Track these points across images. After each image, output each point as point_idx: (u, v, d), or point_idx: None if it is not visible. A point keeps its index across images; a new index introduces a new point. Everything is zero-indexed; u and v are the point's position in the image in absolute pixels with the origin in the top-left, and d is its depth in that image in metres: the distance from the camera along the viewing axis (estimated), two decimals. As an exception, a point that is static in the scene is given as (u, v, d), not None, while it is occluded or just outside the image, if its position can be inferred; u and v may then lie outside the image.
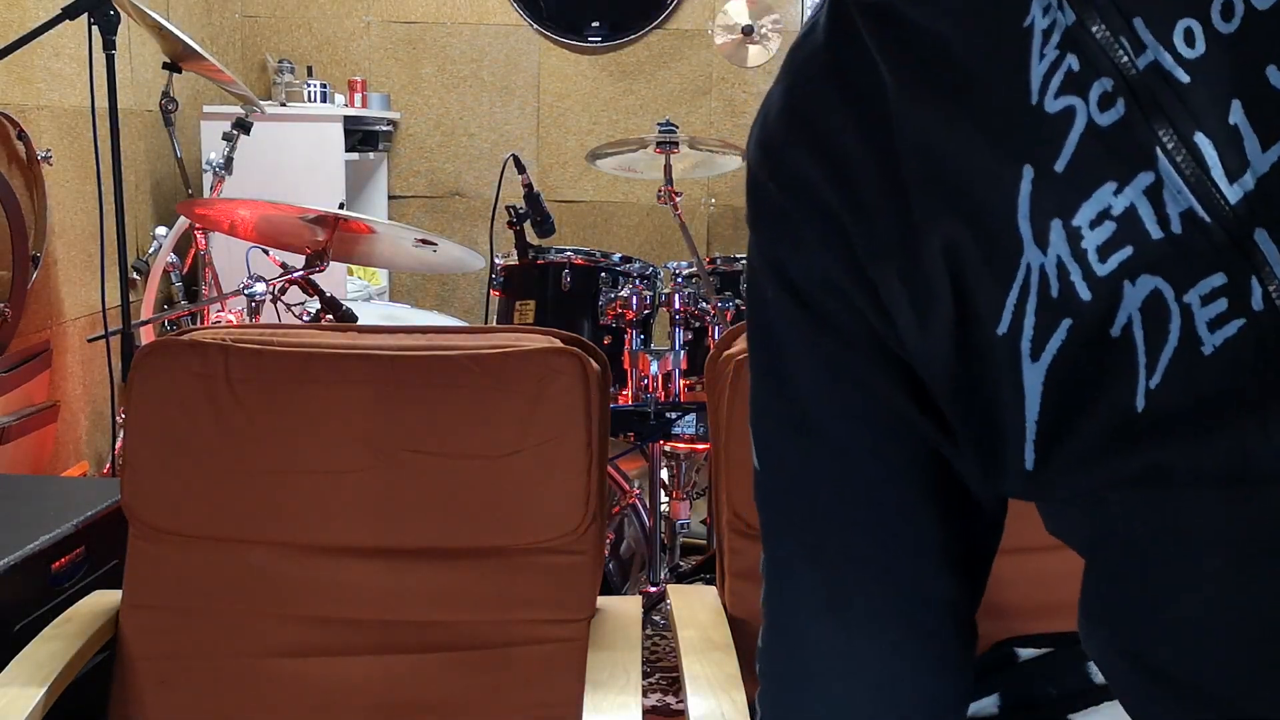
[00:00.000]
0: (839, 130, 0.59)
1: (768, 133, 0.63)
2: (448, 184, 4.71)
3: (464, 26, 4.61)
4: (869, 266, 0.59)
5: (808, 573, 0.67)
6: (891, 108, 0.57)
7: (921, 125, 0.56)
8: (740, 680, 1.42)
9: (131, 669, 1.60)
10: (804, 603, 0.67)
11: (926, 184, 0.56)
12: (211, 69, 2.95)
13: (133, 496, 1.61)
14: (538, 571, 1.60)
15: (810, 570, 0.67)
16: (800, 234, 0.62)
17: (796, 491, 0.66)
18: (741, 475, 1.62)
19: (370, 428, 1.59)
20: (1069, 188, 0.51)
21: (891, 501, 0.64)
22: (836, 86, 0.60)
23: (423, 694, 1.59)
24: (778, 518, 0.68)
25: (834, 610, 0.66)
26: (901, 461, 0.63)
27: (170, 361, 1.61)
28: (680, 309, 2.75)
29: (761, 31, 4.52)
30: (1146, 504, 0.54)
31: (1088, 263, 0.51)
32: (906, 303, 0.58)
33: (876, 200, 0.58)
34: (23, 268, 3.05)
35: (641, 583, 2.67)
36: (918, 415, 0.61)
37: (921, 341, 0.58)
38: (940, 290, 0.56)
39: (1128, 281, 0.51)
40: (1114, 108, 0.51)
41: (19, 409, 3.10)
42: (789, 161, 0.62)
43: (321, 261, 2.39)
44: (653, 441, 2.66)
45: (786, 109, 0.62)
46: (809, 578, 0.67)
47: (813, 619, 0.67)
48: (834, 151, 0.59)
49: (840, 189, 0.59)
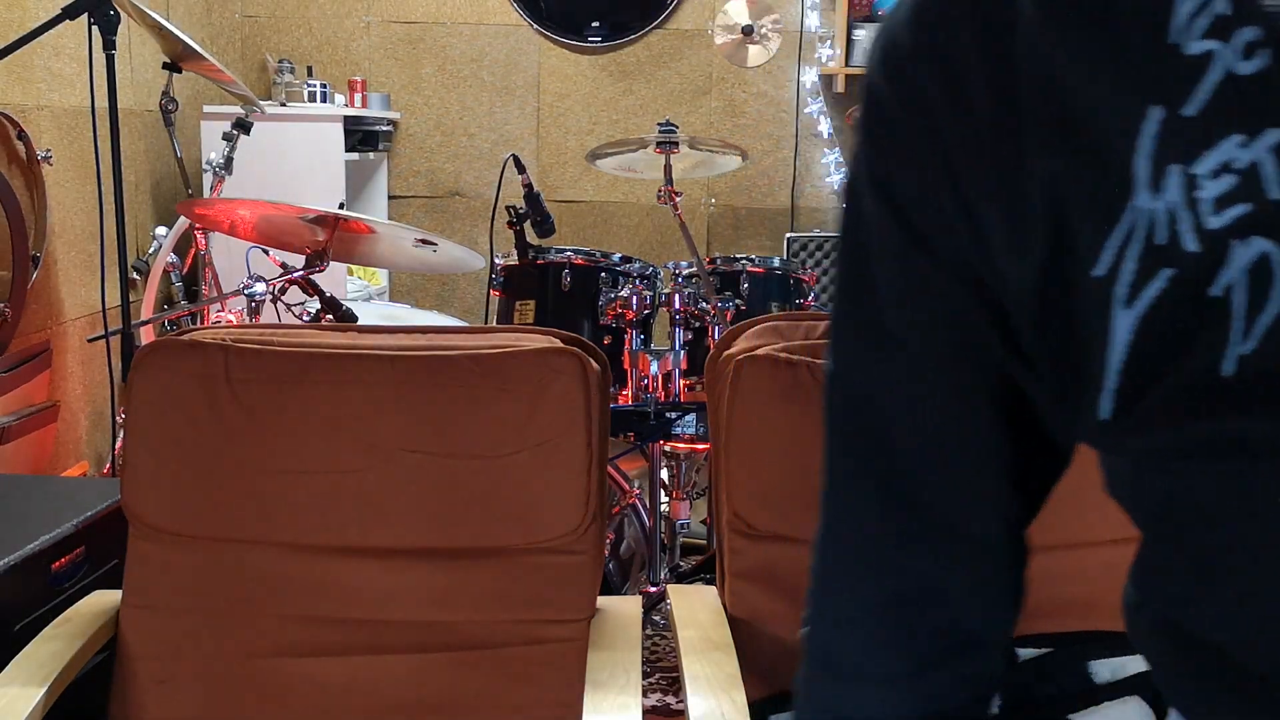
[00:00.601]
0: (964, 51, 0.58)
1: (892, 42, 0.62)
2: (448, 184, 4.71)
3: (464, 26, 4.61)
4: (972, 191, 0.59)
5: (868, 478, 0.67)
6: (1020, 34, 0.56)
7: (1049, 55, 0.55)
8: (740, 680, 1.42)
9: (131, 669, 1.60)
10: (861, 504, 0.67)
11: (1044, 115, 0.55)
12: (211, 69, 2.95)
13: (133, 496, 1.61)
14: (538, 571, 1.60)
15: (870, 477, 0.67)
16: (910, 148, 0.61)
17: (865, 399, 0.66)
18: (741, 475, 1.62)
19: (370, 428, 1.59)
20: (1196, 134, 0.50)
21: (961, 415, 0.64)
22: (968, 7, 0.59)
23: (422, 694, 1.59)
24: (845, 424, 0.68)
25: (888, 513, 0.66)
26: (976, 381, 0.63)
27: (170, 361, 1.61)
28: (680, 309, 2.75)
29: (761, 31, 4.52)
30: (1222, 472, 0.53)
31: (1200, 214, 0.50)
32: (1004, 233, 0.57)
33: (990, 126, 0.57)
34: (23, 268, 3.05)
35: (641, 583, 2.67)
36: (999, 344, 0.61)
37: (1014, 273, 0.57)
38: (1040, 224, 0.55)
39: (1238, 240, 0.49)
40: (1257, 58, 0.49)
41: (19, 409, 3.11)
42: (910, 74, 0.61)
43: (321, 261, 2.39)
44: (653, 441, 2.66)
45: (914, 22, 0.61)
46: (869, 482, 0.67)
47: (867, 518, 0.67)
48: (955, 71, 0.59)
49: (956, 110, 0.59)
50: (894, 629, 0.67)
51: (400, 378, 1.60)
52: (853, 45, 4.39)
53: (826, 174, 4.61)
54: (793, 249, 4.52)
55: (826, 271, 4.49)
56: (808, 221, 4.63)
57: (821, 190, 4.63)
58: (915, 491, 0.65)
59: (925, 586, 0.67)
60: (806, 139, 4.60)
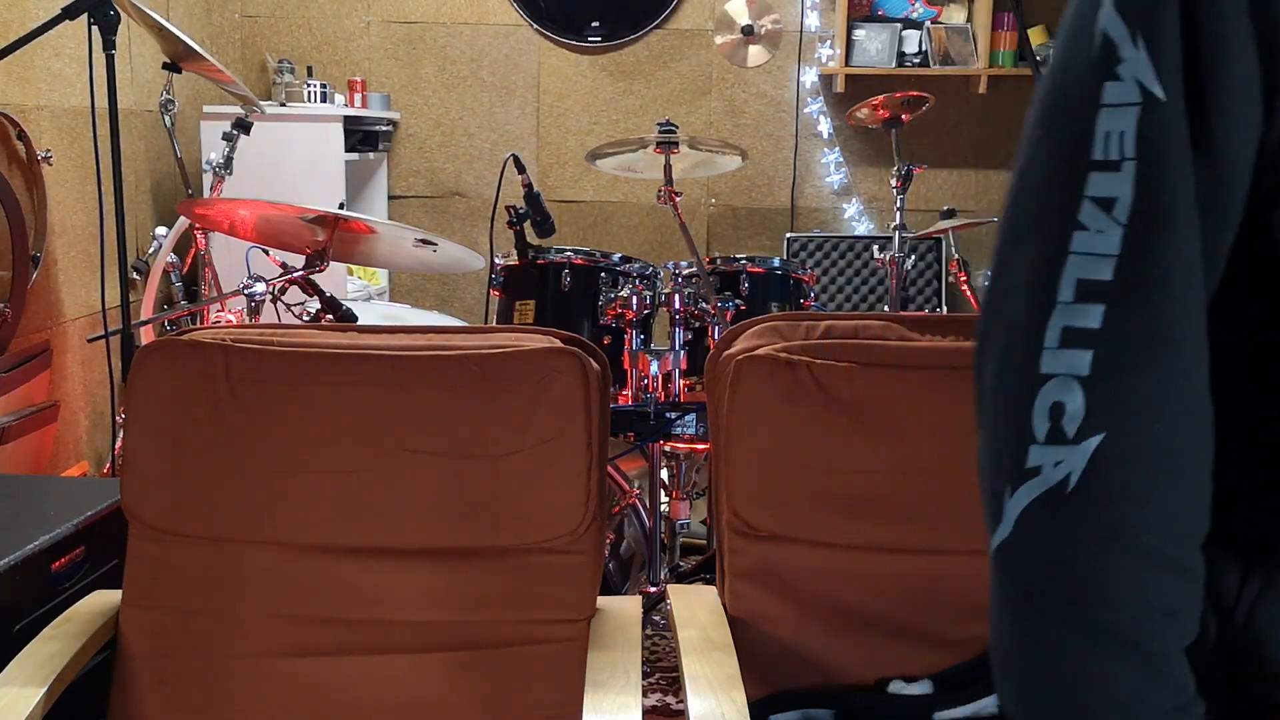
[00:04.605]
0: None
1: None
2: (448, 184, 4.71)
3: (464, 26, 4.61)
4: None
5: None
6: None
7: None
8: (740, 680, 1.42)
9: (131, 669, 1.60)
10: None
11: None
12: (211, 69, 2.95)
13: (133, 496, 1.61)
14: (538, 571, 1.60)
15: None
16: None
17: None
18: (741, 475, 1.62)
19: (370, 428, 1.59)
20: None
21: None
22: None
23: (423, 694, 1.59)
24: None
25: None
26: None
27: (170, 361, 1.61)
28: (680, 309, 2.75)
29: (761, 31, 4.51)
30: None
31: None
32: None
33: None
34: (23, 268, 3.05)
35: (641, 583, 2.67)
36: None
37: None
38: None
39: None
40: None
41: (19, 409, 3.10)
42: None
43: (321, 261, 2.39)
44: (653, 441, 2.66)
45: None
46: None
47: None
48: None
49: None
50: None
51: (400, 378, 1.60)
52: (853, 45, 4.39)
53: (826, 174, 4.61)
54: (793, 249, 4.52)
55: (826, 271, 4.50)
56: (808, 221, 4.63)
57: (821, 190, 4.63)
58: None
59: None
60: (806, 139, 4.59)
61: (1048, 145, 0.69)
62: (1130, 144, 0.66)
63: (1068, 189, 0.67)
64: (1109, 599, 0.65)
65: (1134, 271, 0.66)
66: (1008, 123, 4.53)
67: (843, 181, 4.62)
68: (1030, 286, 0.68)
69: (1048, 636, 0.67)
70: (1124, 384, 0.66)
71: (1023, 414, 0.67)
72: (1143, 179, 0.66)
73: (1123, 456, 0.65)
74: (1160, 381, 0.66)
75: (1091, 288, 0.66)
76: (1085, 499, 0.66)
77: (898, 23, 4.39)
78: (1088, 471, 0.65)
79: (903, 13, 4.42)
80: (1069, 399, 0.66)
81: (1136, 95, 0.65)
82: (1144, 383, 0.66)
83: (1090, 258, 0.66)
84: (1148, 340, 0.66)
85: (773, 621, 1.61)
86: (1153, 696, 0.66)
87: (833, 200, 4.63)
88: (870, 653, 1.61)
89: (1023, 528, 0.67)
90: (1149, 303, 0.66)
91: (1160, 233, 0.66)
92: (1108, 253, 0.66)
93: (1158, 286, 0.66)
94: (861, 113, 3.59)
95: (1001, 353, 0.70)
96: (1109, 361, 0.66)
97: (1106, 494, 0.65)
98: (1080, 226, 0.66)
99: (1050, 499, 0.66)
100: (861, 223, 4.62)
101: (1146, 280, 0.66)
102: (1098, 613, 0.66)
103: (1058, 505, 0.66)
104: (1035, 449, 0.67)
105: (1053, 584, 0.67)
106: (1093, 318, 0.66)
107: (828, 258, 4.50)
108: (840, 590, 1.61)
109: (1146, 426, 0.66)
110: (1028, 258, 0.69)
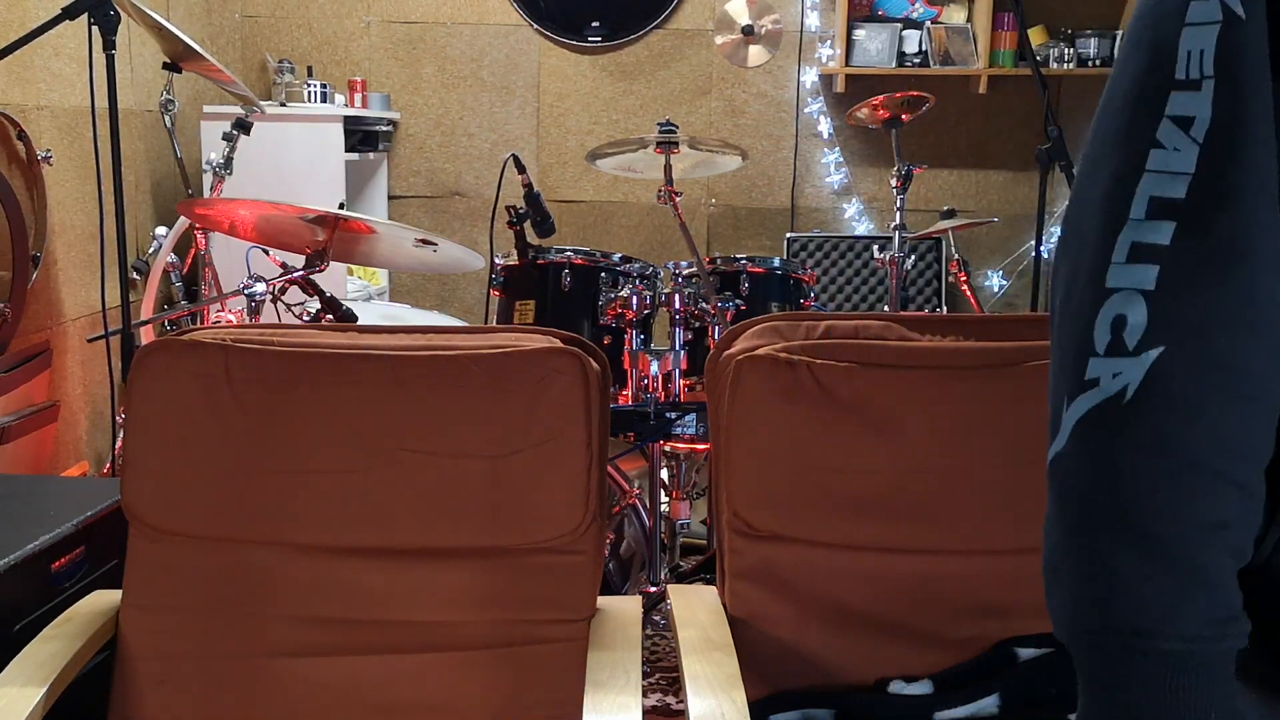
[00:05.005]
0: None
1: None
2: (448, 184, 4.71)
3: (464, 26, 4.61)
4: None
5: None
6: None
7: None
8: (740, 680, 1.42)
9: (131, 669, 1.60)
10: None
11: None
12: (211, 69, 2.95)
13: (133, 496, 1.61)
14: (538, 571, 1.60)
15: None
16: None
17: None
18: (741, 475, 1.62)
19: (370, 428, 1.59)
20: None
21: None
22: None
23: (423, 694, 1.59)
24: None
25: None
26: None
27: (170, 361, 1.61)
28: (680, 309, 2.75)
29: (761, 31, 4.52)
30: None
31: None
32: None
33: None
34: (23, 268, 3.05)
35: (641, 583, 2.67)
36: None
37: None
38: None
39: None
40: None
41: (19, 409, 3.10)
42: None
43: (321, 261, 2.39)
44: (653, 441, 2.66)
45: None
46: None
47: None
48: None
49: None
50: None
51: (400, 378, 1.60)
52: (853, 45, 4.39)
53: (826, 174, 4.61)
54: (793, 249, 4.52)
55: (826, 272, 4.50)
56: (808, 221, 4.63)
57: (821, 190, 4.63)
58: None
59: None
60: (806, 139, 4.59)
61: (1133, 65, 0.70)
62: (1210, 62, 0.66)
63: (1150, 107, 0.68)
64: (1158, 509, 0.66)
65: (1207, 192, 0.66)
66: (1008, 123, 4.53)
67: (843, 181, 4.62)
68: (1105, 202, 0.69)
69: (1099, 543, 0.68)
70: (1187, 299, 0.66)
71: (1086, 327, 0.68)
72: (1220, 97, 0.66)
73: (1180, 369, 0.66)
74: (1224, 297, 0.66)
75: (1164, 205, 0.67)
76: (1140, 410, 0.66)
77: (898, 23, 4.40)
78: (1144, 383, 0.66)
79: (903, 13, 4.42)
80: (1132, 312, 0.67)
81: (1218, 13, 0.66)
82: (1208, 298, 0.66)
83: (1165, 175, 0.67)
84: (1213, 257, 0.66)
85: (773, 621, 1.61)
86: (1196, 605, 0.66)
87: (833, 200, 4.63)
88: (870, 653, 1.61)
89: (1077, 437, 0.68)
90: (1218, 221, 0.66)
91: (1235, 151, 0.66)
92: (1183, 170, 0.66)
93: (1229, 205, 0.66)
94: (861, 113, 3.59)
95: (1071, 268, 0.71)
96: (1175, 277, 0.66)
97: (1161, 406, 0.66)
98: (1158, 144, 0.67)
99: (1106, 409, 0.67)
100: (861, 223, 4.62)
101: (1219, 200, 0.66)
102: (1146, 521, 0.66)
103: (1112, 415, 0.67)
104: (1095, 361, 0.68)
105: (1103, 492, 0.67)
106: (1163, 234, 0.66)
107: (828, 258, 4.50)
108: (840, 590, 1.61)
109: (1207, 341, 0.66)
110: (1105, 175, 0.70)
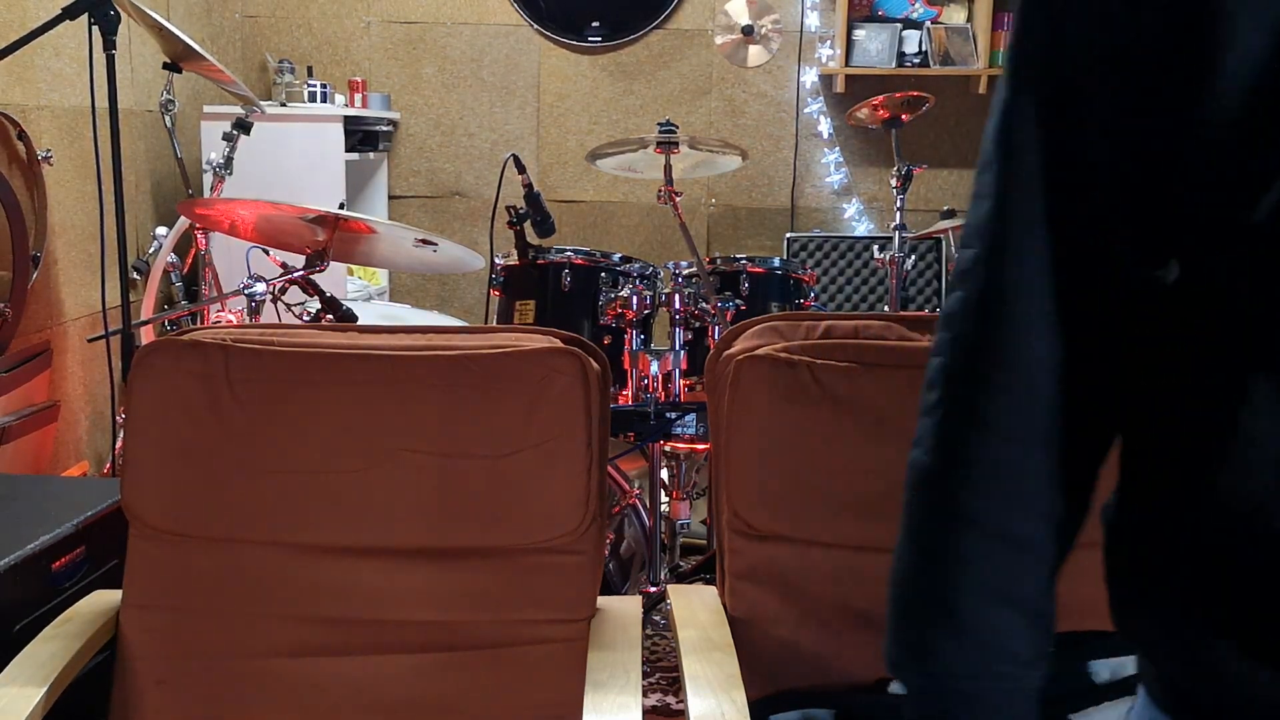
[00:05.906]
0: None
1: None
2: (448, 184, 4.71)
3: (464, 26, 4.61)
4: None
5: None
6: None
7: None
8: (740, 680, 1.42)
9: (131, 669, 1.60)
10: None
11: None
12: (211, 69, 2.95)
13: (133, 496, 1.61)
14: (538, 571, 1.60)
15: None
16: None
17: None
18: (741, 475, 1.62)
19: (370, 428, 1.59)
20: None
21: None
22: None
23: (423, 694, 1.59)
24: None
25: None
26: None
27: (170, 361, 1.61)
28: (680, 309, 2.75)
29: (761, 31, 4.52)
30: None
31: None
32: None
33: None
34: (23, 268, 3.05)
35: (641, 583, 2.67)
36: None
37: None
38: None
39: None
40: None
41: (19, 409, 3.10)
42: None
43: (321, 261, 2.39)
44: (653, 441, 2.66)
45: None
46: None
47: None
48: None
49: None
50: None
51: (400, 378, 1.60)
52: (853, 45, 4.39)
53: (826, 174, 4.61)
54: (793, 249, 4.52)
55: (826, 271, 4.50)
56: (808, 221, 4.63)
57: (821, 190, 4.63)
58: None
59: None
60: (806, 139, 4.59)
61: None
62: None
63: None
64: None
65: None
66: (1008, 123, 4.52)
67: (843, 181, 4.62)
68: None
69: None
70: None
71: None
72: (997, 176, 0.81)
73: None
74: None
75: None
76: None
77: (898, 23, 4.39)
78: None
79: (903, 13, 4.42)
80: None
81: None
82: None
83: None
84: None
85: (773, 621, 1.61)
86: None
87: (833, 200, 4.63)
88: (870, 653, 1.61)
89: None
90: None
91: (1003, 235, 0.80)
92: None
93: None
94: (861, 113, 3.59)
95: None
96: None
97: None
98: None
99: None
100: (861, 223, 4.62)
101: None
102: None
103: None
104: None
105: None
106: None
107: (828, 258, 4.50)
108: (840, 590, 1.61)
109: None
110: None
